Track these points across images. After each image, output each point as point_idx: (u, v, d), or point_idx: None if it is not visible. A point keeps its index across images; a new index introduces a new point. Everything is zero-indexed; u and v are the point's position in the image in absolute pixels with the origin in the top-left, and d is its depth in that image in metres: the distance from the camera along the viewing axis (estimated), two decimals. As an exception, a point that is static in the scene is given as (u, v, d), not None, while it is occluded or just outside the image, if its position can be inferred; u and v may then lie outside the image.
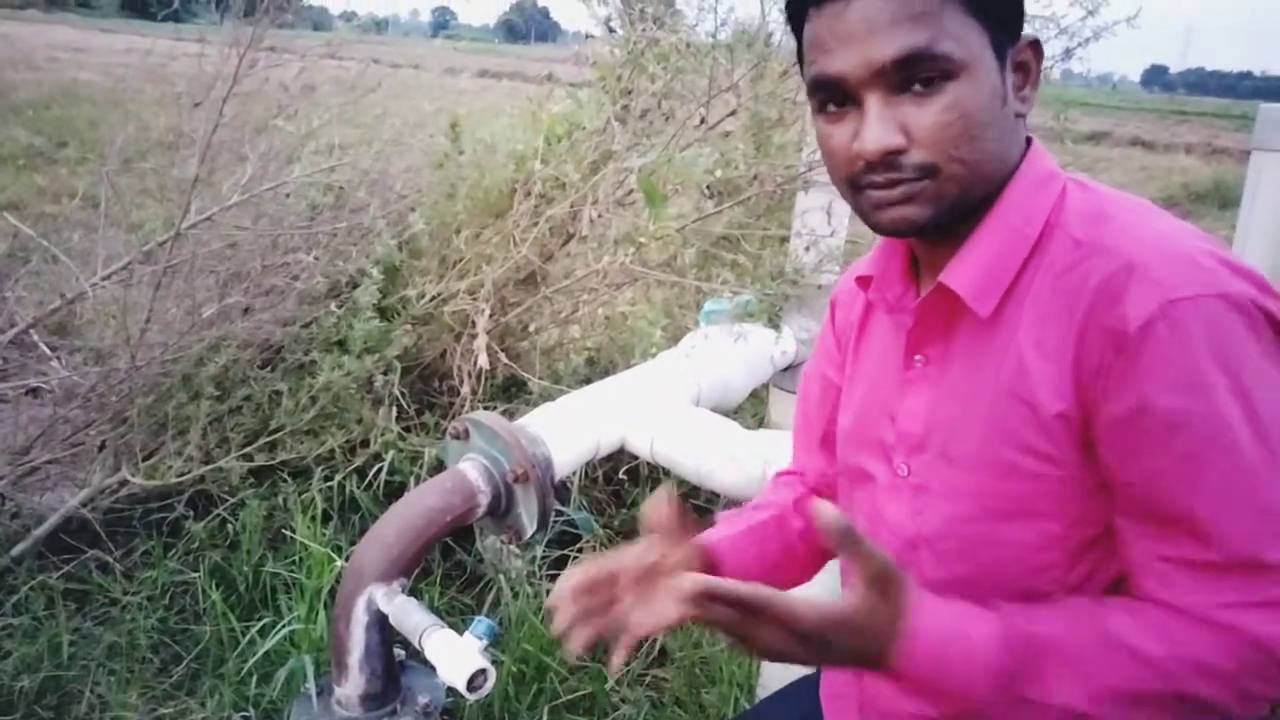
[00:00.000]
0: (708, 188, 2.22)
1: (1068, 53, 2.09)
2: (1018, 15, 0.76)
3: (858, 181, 0.76)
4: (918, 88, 0.72)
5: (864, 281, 0.90)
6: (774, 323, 2.16)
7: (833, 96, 0.76)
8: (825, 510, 0.67)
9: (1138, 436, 0.69)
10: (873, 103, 0.73)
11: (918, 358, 0.84)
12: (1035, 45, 0.77)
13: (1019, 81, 0.77)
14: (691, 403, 1.92)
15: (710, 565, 0.90)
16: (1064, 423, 0.72)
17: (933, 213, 0.75)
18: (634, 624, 0.78)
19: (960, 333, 0.80)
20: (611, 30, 2.35)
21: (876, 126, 0.72)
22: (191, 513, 2.13)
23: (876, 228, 0.79)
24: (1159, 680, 0.68)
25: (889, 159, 0.73)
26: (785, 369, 2.26)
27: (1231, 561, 0.67)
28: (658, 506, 0.84)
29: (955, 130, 0.72)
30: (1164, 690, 0.68)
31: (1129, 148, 15.59)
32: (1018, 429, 0.75)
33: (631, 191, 2.34)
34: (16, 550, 2.00)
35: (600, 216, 2.28)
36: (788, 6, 0.79)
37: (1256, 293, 0.69)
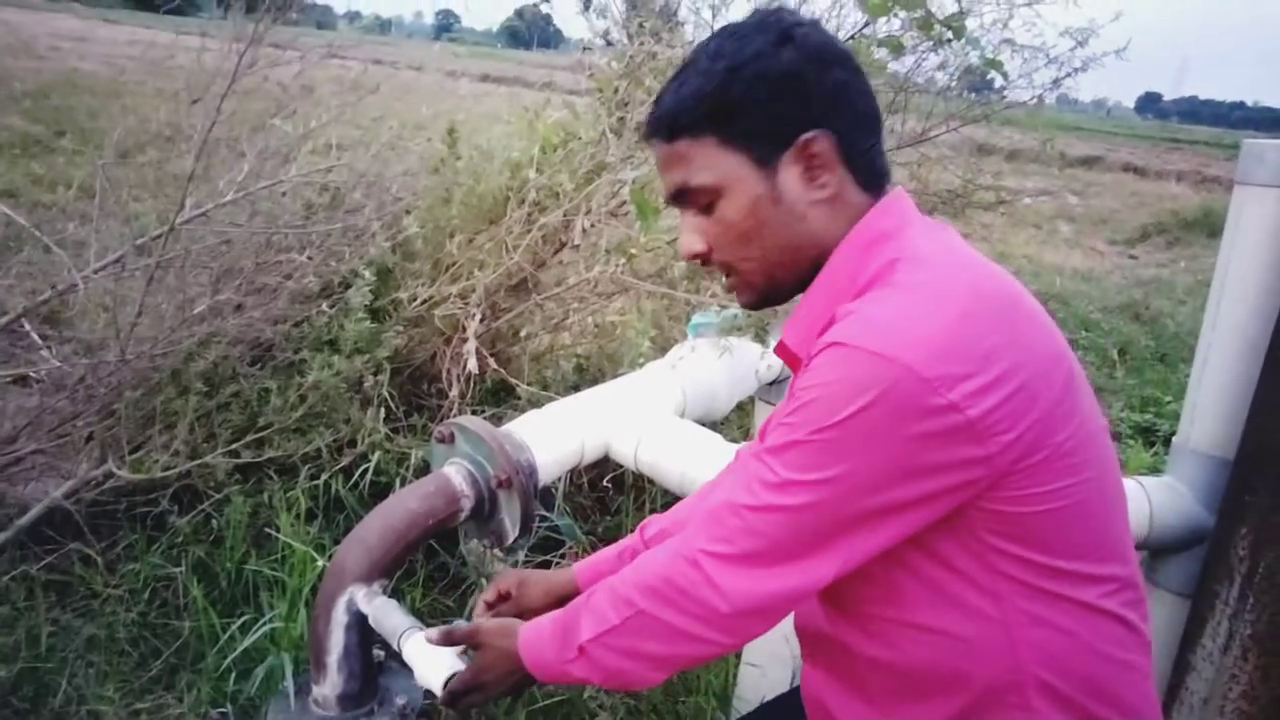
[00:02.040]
0: (700, 201, 2.24)
1: (1055, 83, 2.12)
2: (780, 126, 0.88)
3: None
4: (703, 210, 0.92)
5: None
6: (760, 337, 2.18)
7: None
8: (433, 634, 1.11)
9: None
10: (682, 218, 0.96)
11: None
12: (811, 141, 0.88)
13: (808, 175, 0.89)
14: (677, 413, 1.94)
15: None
16: None
17: (753, 297, 0.98)
18: None
19: None
20: (609, 43, 2.38)
21: (684, 236, 0.96)
22: (176, 507, 2.13)
23: None
24: (622, 605, 0.91)
25: (700, 259, 0.95)
26: (770, 383, 2.28)
27: (706, 511, 0.89)
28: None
29: (731, 238, 0.92)
30: (627, 615, 0.90)
31: (1121, 173, 15.71)
32: None
33: (624, 203, 2.36)
34: (-1, 540, 2.00)
35: (593, 226, 2.30)
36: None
37: (922, 381, 0.76)
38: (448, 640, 1.09)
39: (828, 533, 0.82)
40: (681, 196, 0.94)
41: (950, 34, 1.87)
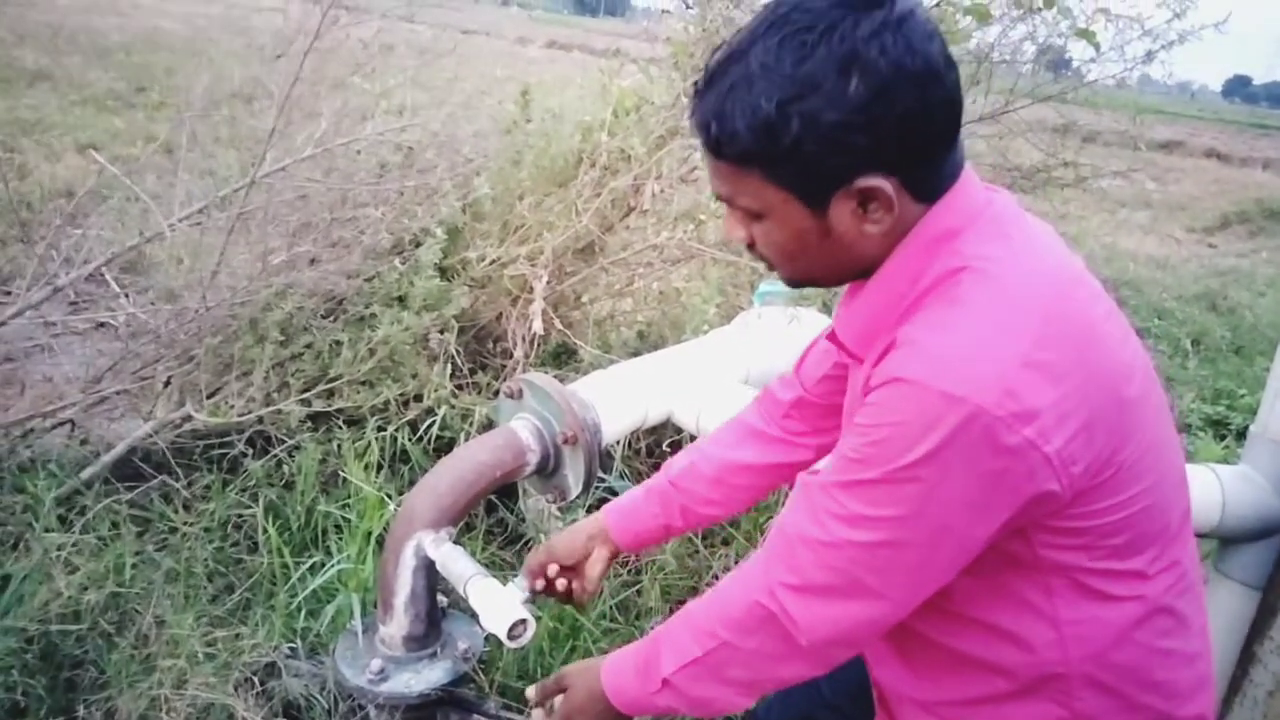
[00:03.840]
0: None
1: (1149, 55, 2.05)
2: (836, 172, 0.82)
3: None
4: (750, 215, 0.89)
5: None
6: (828, 308, 2.17)
7: None
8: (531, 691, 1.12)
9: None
10: (727, 210, 0.92)
11: None
12: (870, 187, 0.82)
13: (862, 211, 0.84)
14: (741, 381, 1.95)
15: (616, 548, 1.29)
16: None
17: (790, 284, 0.98)
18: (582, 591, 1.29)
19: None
20: (688, 6, 2.36)
21: (728, 222, 0.93)
22: (250, 451, 2.20)
23: None
24: (704, 638, 0.93)
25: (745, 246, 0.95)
26: (835, 355, 2.27)
27: (777, 537, 0.90)
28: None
29: (772, 252, 0.91)
30: (710, 646, 0.92)
31: (1203, 159, 15.11)
32: None
33: (695, 168, 2.35)
34: (86, 474, 2.10)
35: (663, 191, 2.31)
36: None
37: (996, 420, 0.74)
38: (542, 695, 1.11)
39: (901, 568, 0.82)
40: (728, 202, 0.90)
41: (1041, 1, 1.82)
